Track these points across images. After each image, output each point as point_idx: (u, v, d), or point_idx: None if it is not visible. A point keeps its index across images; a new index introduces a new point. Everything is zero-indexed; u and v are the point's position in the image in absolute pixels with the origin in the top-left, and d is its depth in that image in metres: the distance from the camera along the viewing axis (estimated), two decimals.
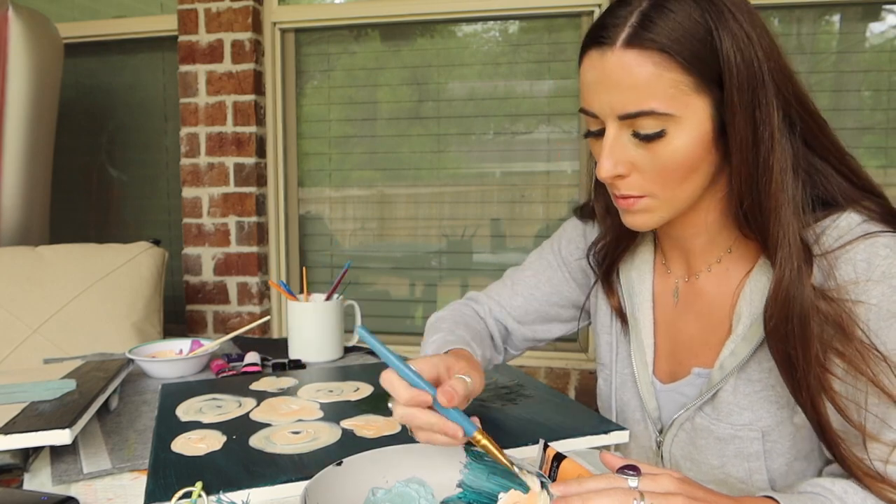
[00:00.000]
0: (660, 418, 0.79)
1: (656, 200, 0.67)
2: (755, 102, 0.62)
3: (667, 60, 0.61)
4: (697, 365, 0.76)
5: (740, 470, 0.72)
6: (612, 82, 0.63)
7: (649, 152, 0.65)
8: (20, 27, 1.62)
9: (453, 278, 2.15)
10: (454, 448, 0.60)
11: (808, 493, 0.62)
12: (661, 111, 0.62)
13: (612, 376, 0.84)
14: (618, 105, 0.63)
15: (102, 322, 1.45)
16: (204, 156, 2.10)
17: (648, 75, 0.62)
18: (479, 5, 2.01)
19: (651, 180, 0.66)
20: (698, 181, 0.67)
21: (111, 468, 0.69)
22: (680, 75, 0.62)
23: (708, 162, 0.66)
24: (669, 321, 0.80)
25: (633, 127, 0.64)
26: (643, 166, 0.66)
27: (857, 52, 1.88)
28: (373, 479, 0.58)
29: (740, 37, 0.61)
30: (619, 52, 0.62)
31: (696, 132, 0.63)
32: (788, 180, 0.64)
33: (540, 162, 2.07)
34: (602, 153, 0.66)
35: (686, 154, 0.64)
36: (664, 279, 0.81)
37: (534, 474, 0.54)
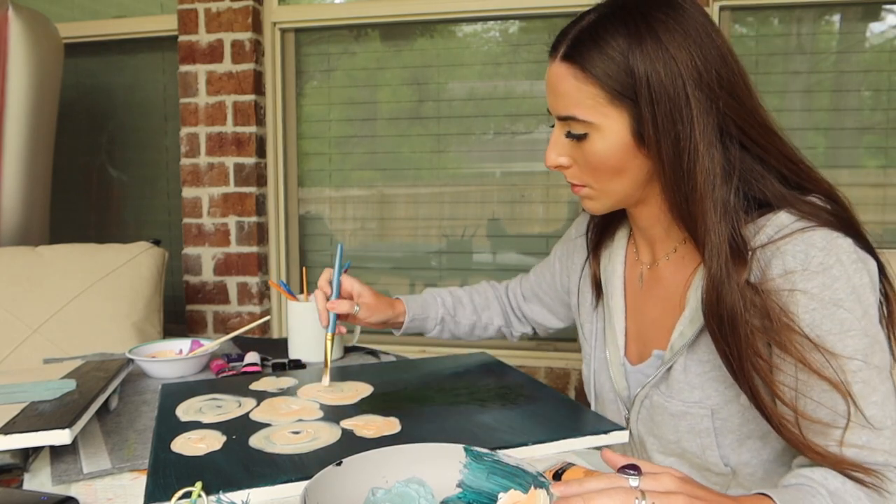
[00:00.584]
0: (628, 397, 0.85)
1: (593, 191, 0.79)
2: (675, 116, 0.69)
3: (585, 76, 0.72)
4: (657, 347, 0.82)
5: (694, 445, 0.78)
6: (552, 87, 0.76)
7: (580, 150, 0.76)
8: (20, 27, 1.62)
9: (453, 278, 2.15)
10: (454, 448, 0.60)
11: (794, 486, 0.65)
12: (582, 118, 0.73)
13: (592, 361, 0.92)
14: (555, 107, 0.76)
15: (102, 322, 1.45)
16: (204, 156, 2.10)
17: (571, 87, 0.73)
18: (479, 5, 2.01)
19: (585, 174, 0.77)
20: (628, 180, 0.76)
21: (111, 468, 0.69)
22: (596, 90, 0.71)
23: (636, 164, 0.74)
24: (637, 306, 0.87)
25: (567, 127, 0.75)
26: (578, 161, 0.77)
27: (857, 52, 1.88)
28: (372, 479, 0.58)
29: (663, 56, 0.69)
30: (556, 63, 0.75)
31: (614, 139, 0.73)
32: (716, 185, 0.69)
33: (540, 162, 2.07)
34: (548, 146, 0.79)
35: (607, 156, 0.74)
36: (633, 266, 0.89)
37: (533, 475, 0.54)
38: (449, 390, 0.88)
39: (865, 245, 0.70)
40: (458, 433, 0.73)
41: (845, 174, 1.88)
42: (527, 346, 2.09)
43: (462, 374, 0.96)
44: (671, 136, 0.69)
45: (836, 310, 0.65)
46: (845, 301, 0.65)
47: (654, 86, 0.69)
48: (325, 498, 0.53)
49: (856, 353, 0.65)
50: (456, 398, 0.85)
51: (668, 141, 0.70)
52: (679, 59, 0.68)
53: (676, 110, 0.69)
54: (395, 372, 0.99)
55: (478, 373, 0.97)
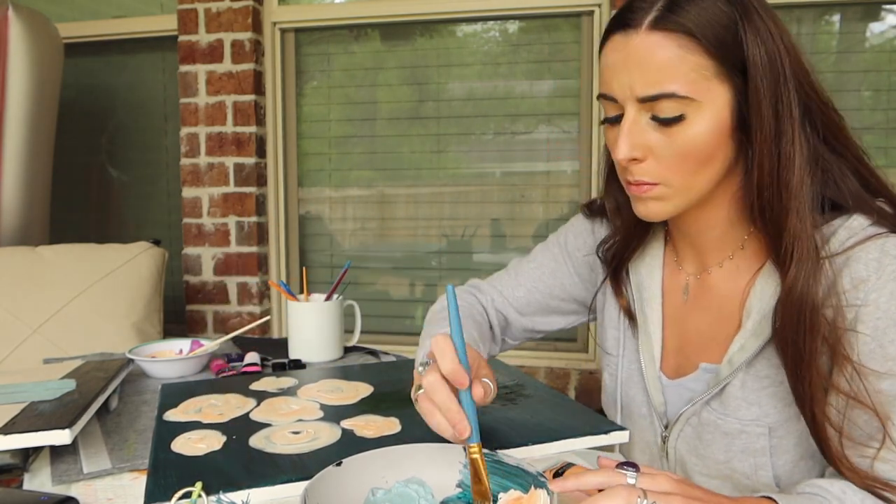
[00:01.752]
0: (665, 413, 0.79)
1: (670, 189, 0.68)
2: (778, 94, 0.63)
3: (691, 43, 0.62)
4: (705, 360, 0.76)
5: (746, 465, 0.72)
6: (634, 64, 0.64)
7: (667, 137, 0.65)
8: (20, 27, 1.62)
9: (453, 278, 2.15)
10: (454, 448, 0.60)
11: (807, 494, 0.62)
12: (682, 94, 0.62)
13: (619, 371, 0.84)
14: (639, 87, 0.64)
15: (102, 322, 1.45)
16: (204, 156, 2.10)
17: (672, 57, 0.62)
18: (479, 5, 2.01)
19: (667, 166, 0.66)
20: (713, 171, 0.67)
21: (111, 468, 0.69)
22: (703, 59, 0.62)
23: (724, 152, 0.66)
24: (678, 317, 0.80)
25: (652, 110, 0.64)
26: (660, 151, 0.66)
27: (857, 52, 1.88)
28: (372, 480, 0.58)
29: (764, 31, 0.63)
30: (644, 34, 0.63)
31: (715, 119, 0.64)
32: (807, 176, 0.64)
33: (540, 162, 2.07)
34: (620, 135, 0.66)
35: (704, 140, 0.64)
36: (674, 275, 0.81)
37: (533, 475, 0.54)
38: None
39: None
40: None
41: None
42: (527, 346, 2.09)
43: None
44: (774, 115, 0.63)
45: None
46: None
47: (763, 57, 0.62)
48: (325, 498, 0.53)
49: None
50: None
51: (771, 120, 0.63)
52: (774, 34, 0.63)
53: (779, 87, 0.63)
54: (395, 372, 0.99)
55: None
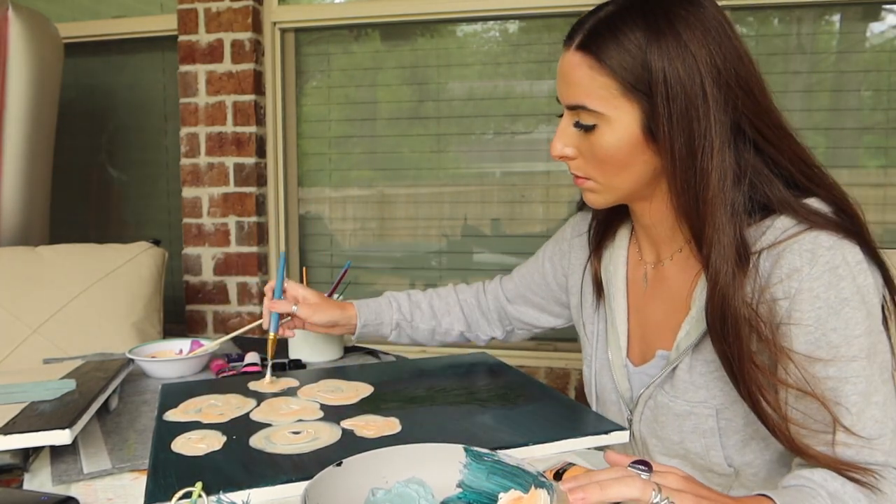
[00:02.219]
0: (631, 398, 0.85)
1: (598, 184, 0.78)
2: (691, 116, 0.68)
3: (600, 66, 0.71)
4: (661, 347, 0.82)
5: (698, 446, 0.77)
6: (564, 76, 0.75)
7: (587, 142, 0.75)
8: (20, 27, 1.62)
9: (453, 278, 2.15)
10: (454, 448, 0.60)
11: (795, 487, 0.65)
12: (591, 108, 0.72)
13: (593, 361, 0.91)
14: (565, 96, 0.76)
15: (102, 322, 1.45)
16: (204, 156, 2.10)
17: (584, 76, 0.72)
18: (479, 5, 2.01)
19: (590, 166, 0.77)
20: (633, 175, 0.75)
21: (111, 468, 0.69)
22: (609, 80, 0.71)
23: (643, 160, 0.73)
24: (640, 306, 0.86)
25: (576, 116, 0.75)
26: (584, 153, 0.76)
27: (857, 52, 1.88)
28: (373, 480, 0.58)
29: (679, 56, 0.68)
30: (571, 52, 0.74)
31: (624, 132, 0.72)
32: (728, 187, 0.69)
33: (540, 162, 2.07)
34: (555, 135, 0.78)
35: (615, 150, 0.73)
36: (636, 266, 0.88)
37: (533, 474, 0.54)
38: (449, 390, 0.88)
39: (871, 252, 0.70)
40: (458, 433, 0.73)
41: (845, 174, 1.88)
42: (527, 346, 2.09)
43: (462, 374, 0.96)
44: (686, 133, 0.68)
45: (841, 308, 0.65)
46: (851, 300, 0.65)
47: (671, 82, 0.68)
48: (325, 498, 0.53)
49: (860, 352, 0.65)
50: (456, 398, 0.85)
51: (681, 138, 0.69)
52: (698, 57, 0.68)
53: (693, 108, 0.68)
54: (395, 372, 0.99)
55: (478, 373, 0.97)
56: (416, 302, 1.10)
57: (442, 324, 1.10)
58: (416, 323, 1.09)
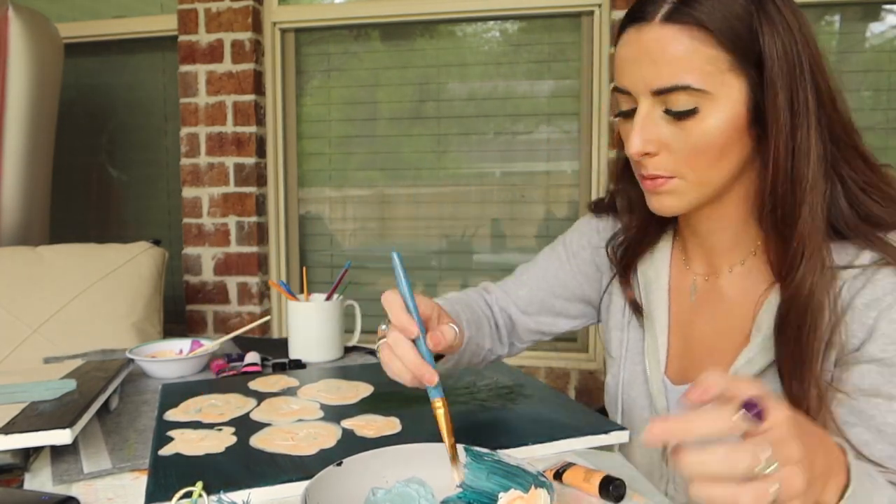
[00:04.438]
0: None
1: (685, 182, 0.67)
2: (793, 88, 0.62)
3: (705, 36, 0.61)
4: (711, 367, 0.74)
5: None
6: (648, 57, 0.63)
7: (681, 130, 0.64)
8: (20, 27, 1.62)
9: (453, 278, 2.15)
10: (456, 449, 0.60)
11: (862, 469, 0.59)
12: (696, 87, 0.62)
13: (620, 373, 0.83)
14: (652, 79, 0.63)
15: (102, 322, 1.45)
16: (204, 156, 2.10)
17: (685, 49, 0.62)
18: (479, 5, 2.01)
19: (681, 160, 0.65)
20: (729, 166, 0.66)
21: (111, 468, 0.69)
22: (717, 52, 0.61)
23: (740, 147, 0.65)
24: (684, 320, 0.78)
25: (665, 103, 0.64)
26: (674, 145, 0.65)
27: (857, 52, 1.88)
28: (373, 479, 0.58)
29: (781, 22, 0.62)
30: (657, 27, 0.63)
31: (729, 112, 0.63)
32: (821, 174, 0.63)
33: (540, 162, 2.07)
34: (633, 129, 0.65)
35: (718, 134, 0.63)
36: (682, 275, 0.79)
37: (533, 474, 0.54)
38: (449, 390, 0.88)
39: None
40: (458, 433, 0.73)
41: None
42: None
43: (462, 374, 0.96)
44: (789, 108, 0.62)
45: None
46: None
47: (779, 52, 0.61)
48: (326, 498, 0.53)
49: None
50: (456, 398, 0.85)
51: (787, 113, 0.62)
52: (794, 28, 0.62)
53: (795, 81, 0.62)
54: None
55: (478, 373, 0.97)
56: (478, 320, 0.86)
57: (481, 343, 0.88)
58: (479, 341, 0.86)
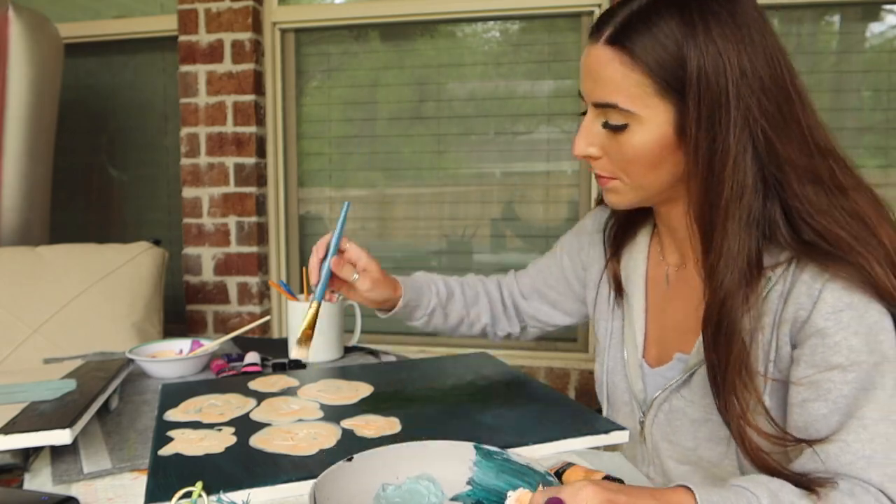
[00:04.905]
0: (645, 400, 0.83)
1: (624, 185, 0.74)
2: (714, 118, 0.65)
3: (634, 62, 0.67)
4: (680, 350, 0.79)
5: (712, 454, 0.75)
6: (591, 72, 0.71)
7: (615, 142, 0.71)
8: (20, 27, 1.62)
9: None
10: (465, 446, 0.61)
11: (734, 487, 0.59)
12: (624, 108, 0.68)
13: (606, 359, 0.89)
14: (592, 93, 0.71)
15: (102, 322, 1.45)
16: (204, 156, 2.10)
17: (616, 73, 0.68)
18: (479, 5, 2.01)
19: (617, 166, 0.73)
20: (663, 176, 0.72)
21: (111, 468, 0.69)
22: (644, 78, 0.67)
23: (672, 161, 0.71)
24: (660, 307, 0.84)
25: (604, 116, 0.71)
26: (611, 152, 0.73)
27: (857, 52, 1.88)
28: (383, 475, 0.58)
29: (711, 56, 0.65)
30: (600, 46, 0.70)
31: (656, 133, 0.69)
32: (745, 195, 0.66)
33: (540, 162, 2.07)
34: (578, 134, 0.74)
35: (646, 151, 0.70)
36: (658, 266, 0.85)
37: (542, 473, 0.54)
38: (449, 390, 0.88)
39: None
40: (459, 433, 0.73)
41: None
42: (527, 346, 2.09)
43: (462, 374, 0.96)
44: (709, 135, 0.66)
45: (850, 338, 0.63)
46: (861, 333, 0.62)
47: (703, 81, 0.65)
48: (336, 493, 0.53)
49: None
50: (456, 398, 0.85)
51: (705, 141, 0.66)
52: (725, 56, 0.64)
53: (716, 110, 0.65)
54: (395, 372, 0.99)
55: (478, 373, 0.97)
56: (451, 289, 1.02)
57: (470, 314, 1.03)
58: (449, 310, 1.01)
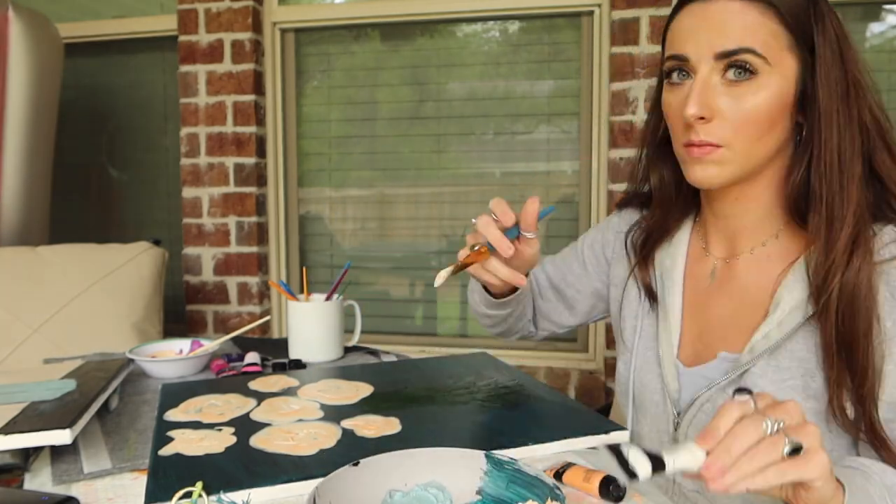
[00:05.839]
0: (679, 400, 0.79)
1: (731, 152, 0.70)
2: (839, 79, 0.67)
3: (771, 12, 0.67)
4: (724, 349, 0.76)
5: None
6: (715, 24, 0.68)
7: (735, 99, 0.68)
8: (20, 27, 1.62)
9: (453, 278, 2.15)
10: (476, 454, 0.59)
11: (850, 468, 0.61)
12: (760, 52, 0.67)
13: (633, 358, 0.85)
14: (718, 43, 0.67)
15: (102, 322, 1.45)
16: (204, 156, 2.10)
17: (752, 20, 0.67)
18: (479, 5, 2.01)
19: (732, 128, 0.69)
20: (772, 142, 0.70)
21: (111, 468, 0.69)
22: (780, 28, 0.67)
23: (783, 126, 0.70)
24: (700, 303, 0.80)
25: (726, 67, 0.68)
26: (727, 112, 0.69)
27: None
28: (390, 482, 0.57)
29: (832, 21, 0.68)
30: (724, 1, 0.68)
31: (781, 88, 0.68)
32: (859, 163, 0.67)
33: (540, 162, 2.07)
34: (692, 93, 0.69)
35: (768, 107, 0.68)
36: (700, 261, 0.82)
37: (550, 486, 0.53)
38: (449, 390, 0.88)
39: None
40: (459, 433, 0.73)
41: None
42: (527, 346, 2.09)
43: (462, 374, 0.96)
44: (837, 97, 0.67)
45: None
46: None
47: (830, 40, 0.66)
48: (340, 497, 0.52)
49: None
50: (456, 398, 0.85)
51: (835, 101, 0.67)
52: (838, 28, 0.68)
53: (840, 71, 0.67)
54: (395, 372, 0.99)
55: (478, 373, 0.97)
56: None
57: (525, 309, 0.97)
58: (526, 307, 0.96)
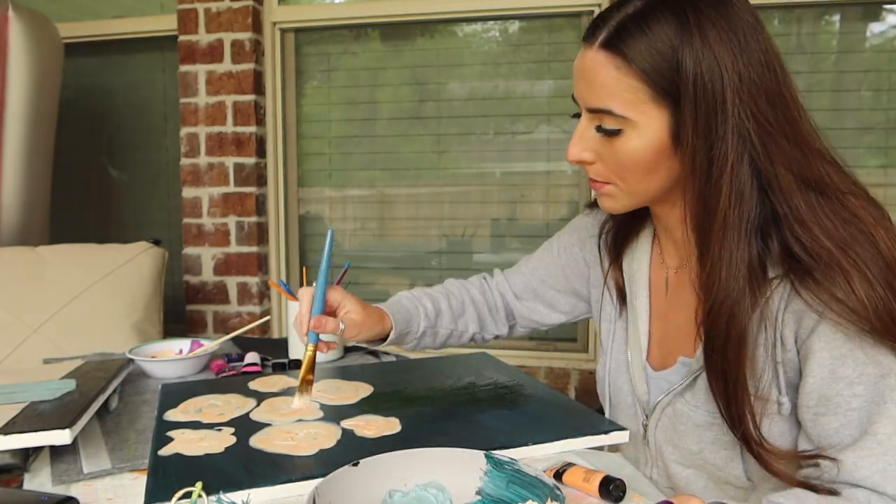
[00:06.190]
0: (648, 403, 0.82)
1: (618, 189, 0.74)
2: (711, 124, 0.64)
3: (628, 68, 0.66)
4: (683, 354, 0.78)
5: (717, 457, 0.74)
6: (585, 77, 0.70)
7: (610, 147, 0.70)
8: (20, 27, 1.62)
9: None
10: (475, 454, 0.59)
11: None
12: (619, 113, 0.67)
13: (608, 361, 0.87)
14: (587, 98, 0.70)
15: (102, 322, 1.45)
16: (204, 156, 2.10)
17: (611, 78, 0.67)
18: (479, 5, 2.01)
19: (611, 171, 0.72)
20: (657, 181, 0.71)
21: (111, 468, 0.69)
22: (638, 84, 0.66)
23: (667, 167, 0.70)
24: (661, 311, 0.83)
25: (598, 121, 0.70)
26: (605, 157, 0.72)
27: (857, 52, 1.88)
28: (390, 482, 0.57)
29: (707, 61, 0.64)
30: (594, 50, 0.68)
31: (650, 139, 0.68)
32: (743, 201, 0.65)
33: (540, 162, 2.07)
34: (572, 139, 0.73)
35: (641, 156, 0.69)
36: (659, 269, 0.84)
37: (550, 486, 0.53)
38: (449, 390, 0.88)
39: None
40: (459, 433, 0.73)
41: None
42: (527, 346, 2.09)
43: (462, 374, 0.96)
44: (706, 142, 0.65)
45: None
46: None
47: (699, 86, 0.64)
48: (339, 497, 0.52)
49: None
50: (456, 398, 0.85)
51: (702, 148, 0.65)
52: (721, 61, 0.63)
53: (713, 116, 0.64)
54: (395, 372, 0.99)
55: (478, 373, 0.97)
56: (438, 305, 0.98)
57: (458, 326, 1.00)
58: (439, 328, 0.98)
